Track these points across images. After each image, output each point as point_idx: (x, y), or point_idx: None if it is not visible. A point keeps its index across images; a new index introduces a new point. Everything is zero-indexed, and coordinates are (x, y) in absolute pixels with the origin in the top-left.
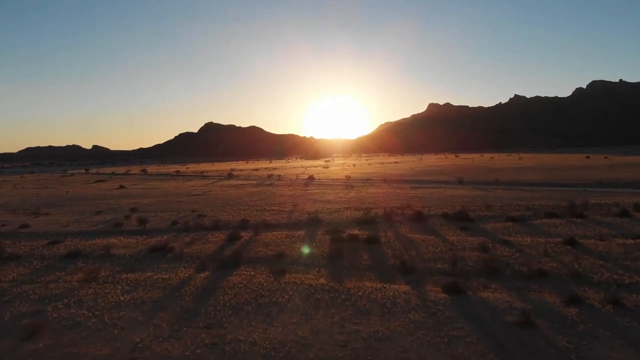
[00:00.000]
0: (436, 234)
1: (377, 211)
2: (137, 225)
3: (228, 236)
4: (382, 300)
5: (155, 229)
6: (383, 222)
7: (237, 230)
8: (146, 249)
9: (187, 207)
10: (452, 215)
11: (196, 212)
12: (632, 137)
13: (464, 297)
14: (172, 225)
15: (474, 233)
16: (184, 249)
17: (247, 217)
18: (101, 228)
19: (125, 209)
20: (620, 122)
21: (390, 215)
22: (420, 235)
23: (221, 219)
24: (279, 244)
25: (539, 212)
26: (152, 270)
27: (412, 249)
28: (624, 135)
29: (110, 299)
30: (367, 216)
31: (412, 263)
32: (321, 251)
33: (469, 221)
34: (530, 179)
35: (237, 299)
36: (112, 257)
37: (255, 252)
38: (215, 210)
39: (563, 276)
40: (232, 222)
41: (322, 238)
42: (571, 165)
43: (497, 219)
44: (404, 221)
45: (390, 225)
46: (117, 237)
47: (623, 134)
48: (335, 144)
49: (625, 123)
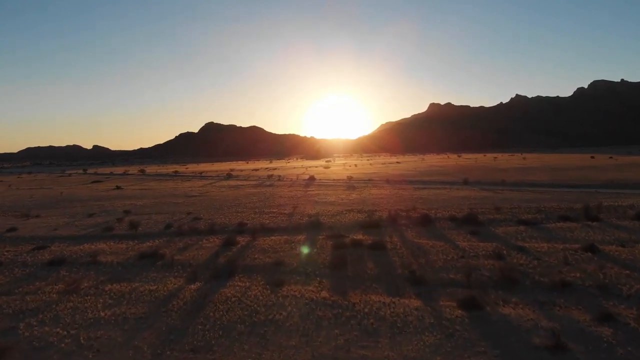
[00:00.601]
0: (445, 239)
1: (381, 214)
2: (128, 229)
3: (223, 241)
4: (392, 318)
5: (147, 233)
6: (388, 226)
7: (234, 234)
8: (135, 255)
9: (183, 209)
10: (461, 218)
11: (192, 214)
12: (634, 137)
13: (483, 314)
14: (165, 229)
15: (486, 238)
16: (176, 255)
17: (244, 220)
18: (91, 232)
19: (119, 211)
20: (621, 122)
21: (395, 219)
22: (429, 240)
23: (217, 222)
24: (277, 250)
25: (552, 215)
26: (140, 280)
27: (421, 257)
28: (626, 135)
29: (89, 314)
30: (370, 219)
31: (422, 273)
32: (322, 258)
33: (478, 225)
34: (537, 179)
35: (229, 316)
36: (98, 265)
37: (251, 259)
38: (212, 212)
39: (588, 288)
40: (229, 225)
41: (323, 243)
42: (576, 165)
43: (508, 223)
44: (410, 225)
45: (396, 229)
46: (107, 242)
47: (625, 134)
48: (336, 144)
49: (626, 123)
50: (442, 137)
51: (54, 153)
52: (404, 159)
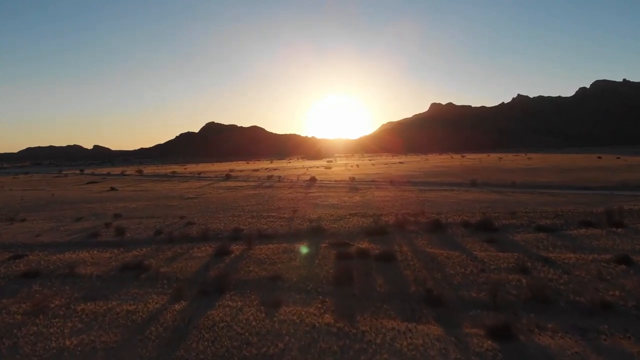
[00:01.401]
0: (460, 248)
1: (388, 218)
2: (115, 236)
3: (216, 250)
4: (410, 353)
5: (135, 239)
6: (396, 233)
7: (228, 242)
8: (118, 266)
9: (176, 213)
10: (475, 224)
11: (185, 218)
12: (636, 137)
13: (517, 346)
14: (154, 236)
15: (505, 247)
16: (162, 267)
17: (240, 225)
18: (75, 238)
19: (109, 215)
20: (623, 122)
21: (403, 224)
22: (442, 250)
23: (211, 228)
24: (274, 261)
25: (572, 221)
26: (118, 297)
27: (436, 270)
28: (628, 135)
29: (52, 343)
30: (376, 225)
31: (439, 291)
32: (325, 272)
33: (494, 231)
34: (547, 180)
35: (215, 348)
36: (75, 278)
37: (245, 272)
38: (207, 216)
39: (632, 310)
40: (224, 231)
41: (326, 253)
42: (585, 166)
43: (525, 229)
44: (419, 231)
45: (405, 236)
46: (90, 250)
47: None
48: (337, 144)
49: (628, 123)
50: (443, 137)
51: (55, 153)
52: (406, 159)
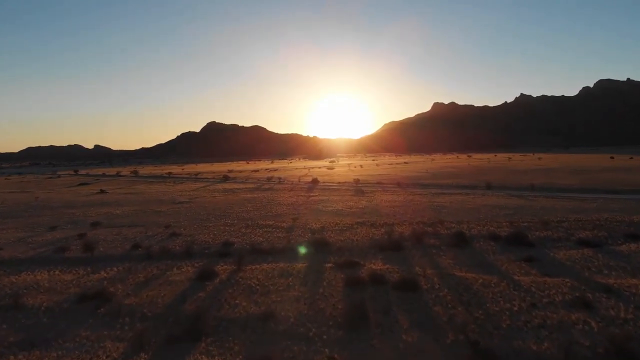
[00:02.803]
0: (496, 270)
1: (402, 229)
2: (84, 251)
3: (199, 272)
4: None
5: (107, 256)
6: (413, 247)
7: (214, 260)
8: (76, 295)
9: (162, 221)
10: (505, 237)
11: (170, 228)
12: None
13: None
14: (131, 250)
15: (548, 269)
16: (128, 296)
17: (232, 237)
18: (41, 253)
19: (88, 223)
20: (627, 122)
21: (421, 237)
22: (475, 273)
23: (198, 240)
24: (268, 289)
25: (615, 232)
26: (62, 345)
27: (474, 305)
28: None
29: None
30: (390, 238)
31: (487, 342)
32: (331, 307)
33: (529, 246)
34: (567, 183)
35: None
36: (19, 311)
37: (230, 306)
38: (195, 225)
39: None
40: (211, 245)
41: (332, 277)
42: (600, 166)
43: (565, 243)
44: (441, 246)
45: (425, 252)
46: (52, 270)
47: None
48: (339, 144)
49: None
50: (446, 137)
51: (55, 153)
52: (410, 159)
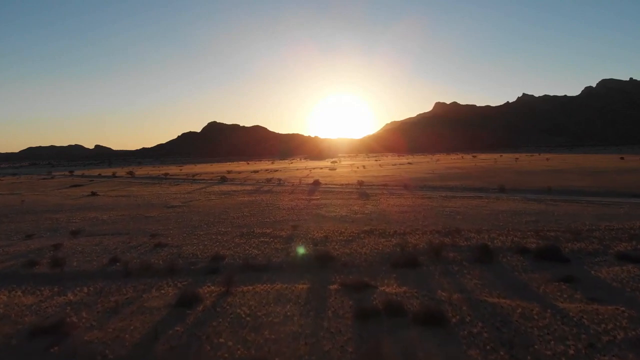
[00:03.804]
0: (532, 294)
1: (415, 239)
2: (54, 266)
3: (179, 296)
4: None
5: (80, 272)
6: (431, 263)
7: (200, 279)
8: (31, 326)
9: (150, 228)
10: (535, 250)
11: (156, 237)
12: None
13: None
14: (108, 265)
15: (594, 292)
16: (91, 330)
17: (223, 249)
18: (7, 267)
19: (69, 230)
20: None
21: (438, 250)
22: (509, 298)
23: (185, 253)
24: (260, 322)
25: None
26: None
27: (518, 346)
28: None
29: None
30: (403, 251)
31: None
32: (339, 349)
33: (564, 261)
34: (584, 185)
35: None
36: None
37: (212, 347)
38: (185, 233)
39: None
40: (199, 259)
41: (337, 305)
42: (614, 167)
43: (603, 258)
44: (463, 261)
45: (446, 270)
46: (14, 290)
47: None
48: (341, 144)
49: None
50: (448, 137)
51: (56, 153)
52: (414, 159)
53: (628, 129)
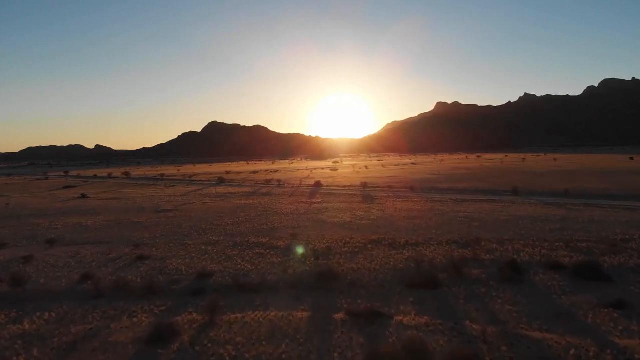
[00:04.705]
0: (580, 325)
1: (431, 252)
2: (16, 285)
3: (153, 329)
4: None
5: (44, 292)
6: (453, 283)
7: (181, 304)
8: None
9: (135, 236)
10: (571, 266)
11: (140, 248)
12: None
13: None
14: (77, 284)
15: None
16: None
17: (212, 263)
18: None
19: (45, 239)
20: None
21: (459, 266)
22: (555, 332)
23: (168, 268)
24: None
25: None
26: None
27: None
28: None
29: None
30: (419, 267)
31: None
32: None
33: (607, 280)
34: (601, 188)
35: None
36: None
37: None
38: (172, 243)
39: None
40: (183, 276)
41: (345, 344)
42: (627, 169)
43: None
44: (489, 280)
45: (471, 292)
46: None
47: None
48: (341, 144)
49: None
50: (449, 137)
51: (56, 153)
52: (417, 159)
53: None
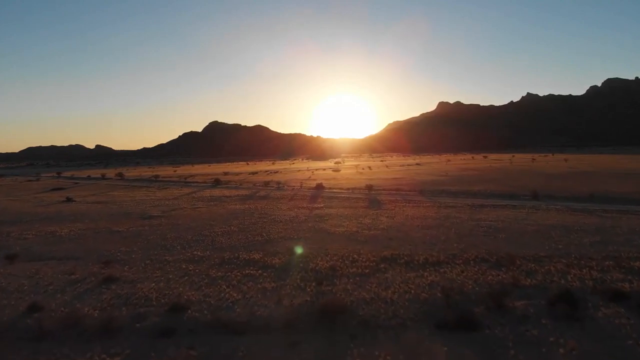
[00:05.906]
0: None
1: (458, 274)
2: None
3: None
4: None
5: None
6: (494, 322)
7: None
8: None
9: (110, 249)
10: (632, 295)
11: (110, 266)
12: None
13: None
14: (20, 318)
15: None
16: None
17: (190, 289)
18: None
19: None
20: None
21: (499, 297)
22: None
23: (136, 296)
24: None
25: None
26: None
27: None
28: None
29: None
30: (448, 298)
31: None
32: None
33: None
34: (627, 191)
35: None
36: None
37: None
38: (149, 260)
39: None
40: (153, 307)
41: None
42: None
43: None
44: (540, 317)
45: (520, 335)
46: None
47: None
48: (343, 144)
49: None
50: (452, 137)
51: (56, 153)
52: (421, 159)
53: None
